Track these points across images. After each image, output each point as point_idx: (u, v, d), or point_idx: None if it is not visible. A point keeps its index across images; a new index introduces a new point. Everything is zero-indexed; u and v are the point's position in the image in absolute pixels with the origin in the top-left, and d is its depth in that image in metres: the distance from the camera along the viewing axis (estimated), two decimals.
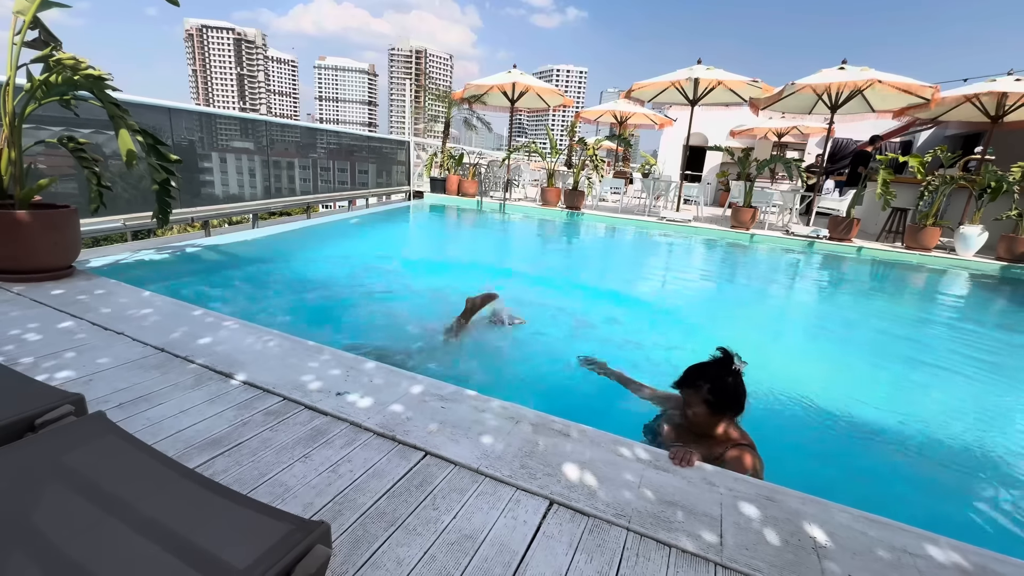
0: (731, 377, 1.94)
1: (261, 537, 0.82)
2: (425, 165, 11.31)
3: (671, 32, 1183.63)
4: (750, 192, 9.33)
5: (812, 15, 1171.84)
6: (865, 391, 3.29)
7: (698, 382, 1.96)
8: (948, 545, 1.40)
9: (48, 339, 2.22)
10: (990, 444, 2.78)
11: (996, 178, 7.71)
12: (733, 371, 1.95)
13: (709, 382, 1.94)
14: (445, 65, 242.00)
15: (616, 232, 9.68)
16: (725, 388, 1.92)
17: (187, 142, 5.37)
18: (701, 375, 1.98)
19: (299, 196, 7.34)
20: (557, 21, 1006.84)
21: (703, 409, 1.94)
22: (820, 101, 9.76)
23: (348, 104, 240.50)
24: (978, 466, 2.60)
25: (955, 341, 4.57)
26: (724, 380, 1.93)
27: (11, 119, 2.87)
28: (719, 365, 1.97)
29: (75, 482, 0.92)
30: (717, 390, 1.92)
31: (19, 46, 2.85)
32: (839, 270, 7.63)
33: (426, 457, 1.61)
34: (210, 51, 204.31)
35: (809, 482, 1.69)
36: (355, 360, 2.27)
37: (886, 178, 8.08)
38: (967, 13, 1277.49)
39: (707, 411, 1.94)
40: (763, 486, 1.60)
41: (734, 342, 2.08)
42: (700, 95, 10.53)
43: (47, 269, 3.04)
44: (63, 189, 4.01)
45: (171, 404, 1.79)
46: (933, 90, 8.17)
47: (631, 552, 1.29)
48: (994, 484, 2.47)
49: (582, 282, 6.10)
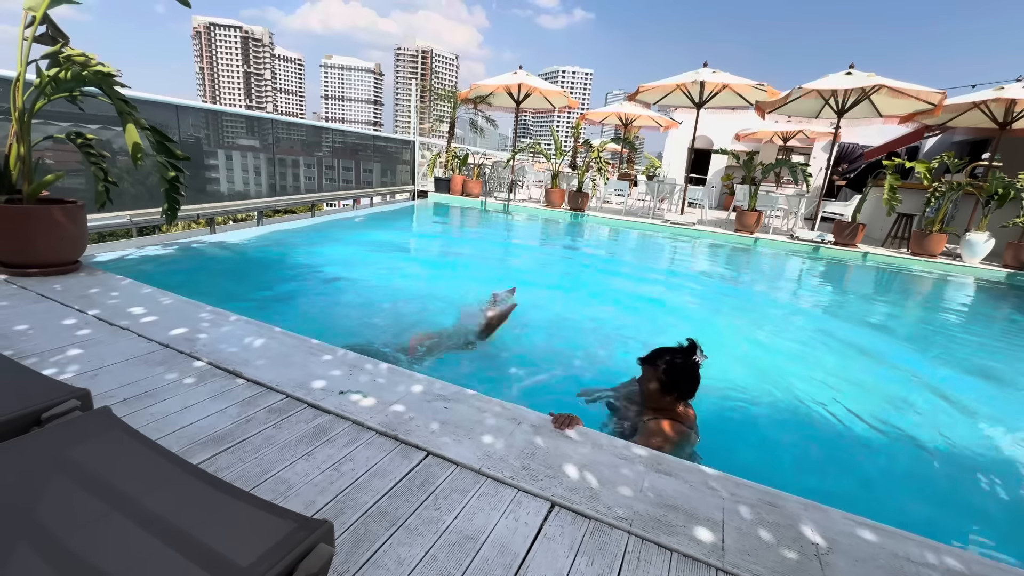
0: (687, 363, 2.19)
1: (264, 534, 0.82)
2: (429, 164, 11.33)
3: (677, 35, 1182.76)
4: (755, 196, 9.31)
5: (819, 19, 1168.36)
6: (869, 398, 3.28)
7: (657, 361, 2.22)
8: (951, 554, 1.39)
9: (54, 333, 2.23)
10: (995, 452, 2.76)
11: (1003, 185, 7.67)
12: (691, 360, 2.19)
13: (666, 363, 2.19)
14: (451, 65, 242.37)
15: (620, 234, 9.67)
16: (678, 370, 2.17)
17: (194, 139, 5.40)
18: (661, 356, 2.23)
19: (304, 194, 7.36)
20: (563, 22, 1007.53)
21: (656, 385, 2.19)
22: (827, 105, 9.73)
23: (354, 103, 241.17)
24: (983, 475, 2.59)
25: (962, 348, 4.54)
26: (680, 364, 2.18)
27: (20, 115, 2.89)
28: (681, 352, 2.23)
29: (81, 476, 0.93)
30: (671, 371, 2.17)
31: (29, 42, 2.87)
32: (844, 275, 7.60)
33: (428, 457, 1.61)
34: (218, 49, 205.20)
35: (811, 488, 1.68)
36: (358, 359, 2.27)
37: (893, 183, 8.05)
38: (977, 18, 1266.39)
39: (659, 388, 2.19)
40: (765, 491, 1.59)
41: (737, 344, 2.08)
42: (706, 98, 10.51)
43: (54, 264, 3.06)
44: (70, 184, 4.04)
45: (175, 400, 1.80)
46: (940, 96, 8.13)
47: (632, 555, 1.29)
48: (998, 493, 2.46)
49: (584, 284, 6.09)
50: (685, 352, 2.21)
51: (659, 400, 2.20)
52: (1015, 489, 2.50)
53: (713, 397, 3.19)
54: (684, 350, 2.22)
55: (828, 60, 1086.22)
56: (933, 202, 8.12)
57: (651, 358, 2.26)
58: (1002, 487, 2.49)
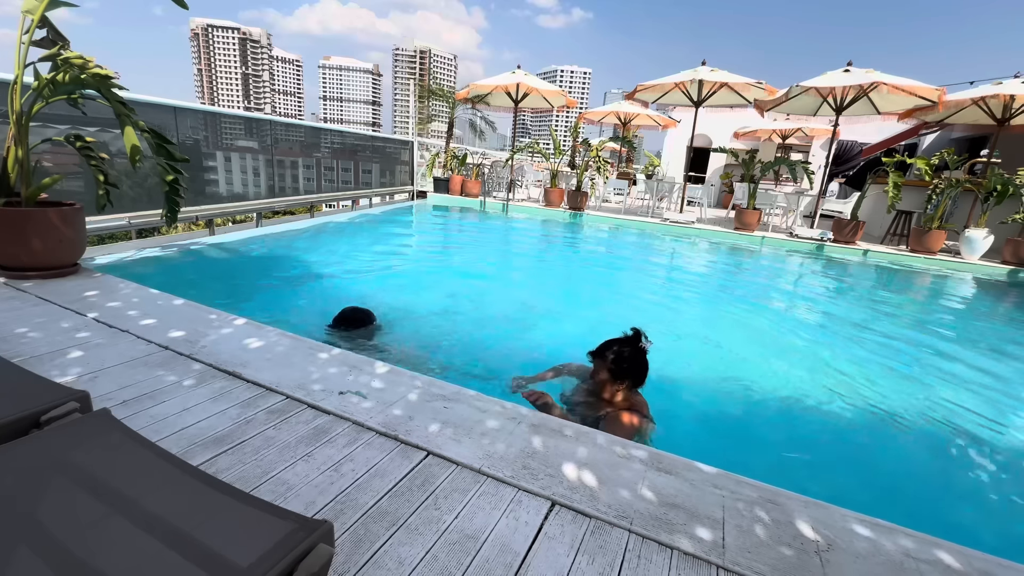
0: (634, 352, 2.26)
1: (264, 535, 0.82)
2: (428, 165, 11.33)
3: (676, 34, 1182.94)
4: (754, 194, 9.31)
5: (817, 17, 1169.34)
6: (870, 395, 3.28)
7: (606, 352, 2.28)
8: (951, 550, 1.39)
9: (54, 336, 2.23)
10: (997, 448, 2.76)
11: (1002, 181, 7.67)
12: (638, 348, 2.27)
13: (614, 353, 2.25)
14: (449, 65, 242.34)
15: (619, 233, 9.67)
16: (625, 359, 2.24)
17: (192, 141, 5.40)
18: (609, 347, 2.29)
19: (303, 195, 7.35)
20: (562, 22, 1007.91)
21: (606, 375, 2.26)
22: (825, 103, 9.74)
23: (352, 104, 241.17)
24: (984, 471, 2.59)
25: (963, 345, 4.54)
26: (626, 354, 2.25)
27: (18, 117, 2.89)
28: (627, 341, 2.29)
29: (80, 479, 0.93)
30: (619, 360, 2.24)
31: (27, 45, 2.87)
32: (845, 273, 7.60)
33: (428, 457, 1.61)
34: (215, 50, 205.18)
35: (811, 485, 1.68)
36: (357, 359, 2.27)
37: (896, 180, 8.04)
38: (974, 15, 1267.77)
39: (609, 377, 2.25)
40: (766, 489, 1.59)
41: (738, 342, 2.08)
42: (704, 97, 10.51)
43: (53, 266, 3.05)
44: (69, 187, 4.04)
45: (175, 402, 1.80)
46: (939, 92, 8.13)
47: (633, 554, 1.29)
48: (1000, 489, 2.46)
49: (582, 283, 6.09)
50: (631, 341, 2.29)
51: (611, 390, 2.28)
52: (1017, 485, 2.50)
53: (714, 395, 3.19)
54: (630, 339, 2.30)
55: (826, 58, 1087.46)
56: (934, 199, 8.12)
57: (600, 351, 2.33)
58: (1003, 483, 2.50)
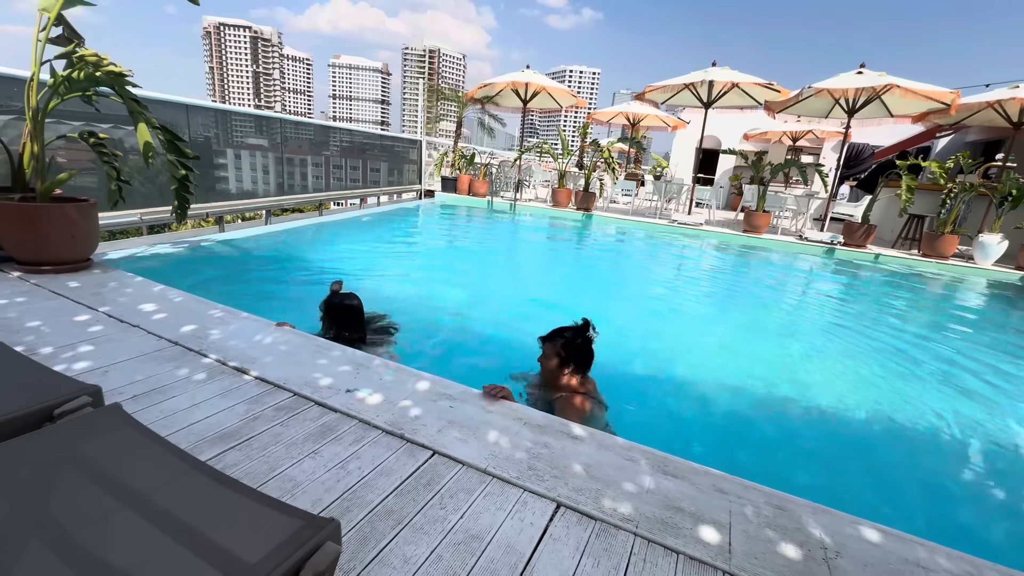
0: (581, 339, 2.36)
1: (272, 532, 0.83)
2: (436, 164, 11.35)
3: (687, 34, 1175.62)
4: (763, 196, 9.23)
5: (830, 18, 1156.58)
6: (880, 401, 3.24)
7: (556, 339, 2.38)
8: (963, 559, 1.37)
9: (66, 330, 2.26)
10: (1010, 458, 2.72)
11: (1017, 186, 7.54)
12: (585, 336, 2.36)
13: (563, 339, 2.36)
14: (458, 65, 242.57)
15: (627, 234, 9.63)
16: (573, 346, 2.34)
17: (203, 138, 5.45)
18: (560, 334, 2.40)
19: (311, 193, 7.39)
20: (572, 22, 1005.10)
21: (556, 361, 2.36)
22: (837, 105, 9.63)
23: (361, 103, 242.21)
24: (996, 480, 2.55)
25: (977, 351, 4.47)
26: (574, 340, 2.35)
27: (34, 114, 2.93)
28: (575, 329, 2.39)
29: (92, 472, 0.94)
30: (567, 346, 2.35)
31: (43, 42, 2.91)
32: (856, 277, 7.52)
33: (434, 456, 1.62)
34: (227, 48, 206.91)
35: (820, 491, 1.66)
36: (364, 358, 2.28)
37: (910, 184, 7.93)
38: (990, 18, 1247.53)
39: (558, 363, 2.35)
40: (773, 494, 1.58)
41: (748, 350, 2.05)
42: (714, 98, 10.44)
43: (66, 261, 3.10)
44: (82, 183, 4.09)
45: (184, 397, 1.82)
46: (953, 96, 8.01)
47: (638, 557, 1.28)
48: (1012, 498, 2.42)
49: (591, 285, 6.07)
50: (580, 329, 2.39)
51: (559, 374, 2.36)
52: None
53: (721, 398, 3.17)
54: (579, 328, 2.40)
55: (840, 58, 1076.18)
56: (948, 203, 8.00)
57: (550, 336, 2.43)
58: (1017, 492, 2.46)
